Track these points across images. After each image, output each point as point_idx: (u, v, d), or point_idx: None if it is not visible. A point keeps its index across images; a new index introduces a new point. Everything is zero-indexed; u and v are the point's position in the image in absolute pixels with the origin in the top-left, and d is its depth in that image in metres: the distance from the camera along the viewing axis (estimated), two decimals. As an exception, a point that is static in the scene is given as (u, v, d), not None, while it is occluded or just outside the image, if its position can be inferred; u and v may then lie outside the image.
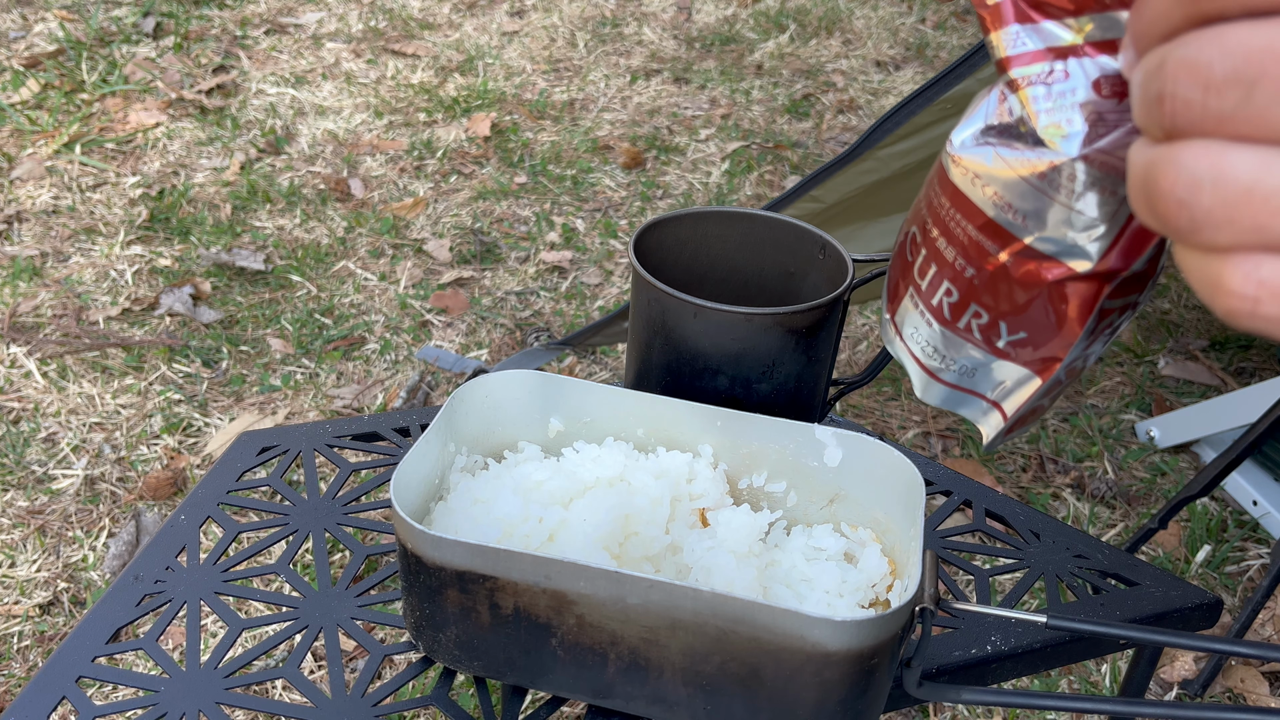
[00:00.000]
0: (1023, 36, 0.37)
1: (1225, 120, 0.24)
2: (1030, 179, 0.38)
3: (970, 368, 0.44)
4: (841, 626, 0.54)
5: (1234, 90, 0.23)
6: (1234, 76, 0.23)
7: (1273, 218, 0.23)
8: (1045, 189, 0.37)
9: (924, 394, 0.47)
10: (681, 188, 2.56)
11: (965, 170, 0.40)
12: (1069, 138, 0.36)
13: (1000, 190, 0.39)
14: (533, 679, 0.64)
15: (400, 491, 0.62)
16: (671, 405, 0.70)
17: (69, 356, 1.93)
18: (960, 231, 0.41)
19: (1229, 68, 0.23)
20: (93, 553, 1.58)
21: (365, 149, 2.63)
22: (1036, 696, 0.57)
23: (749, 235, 0.80)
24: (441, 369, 1.96)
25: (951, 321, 0.43)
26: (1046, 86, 0.37)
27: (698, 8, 3.49)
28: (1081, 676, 1.47)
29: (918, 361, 0.46)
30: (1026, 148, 0.38)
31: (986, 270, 0.40)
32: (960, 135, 0.41)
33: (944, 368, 0.45)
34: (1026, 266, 0.39)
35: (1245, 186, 0.24)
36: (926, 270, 0.44)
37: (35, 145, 2.50)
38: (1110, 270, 0.37)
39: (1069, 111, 0.36)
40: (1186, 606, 0.76)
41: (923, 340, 0.45)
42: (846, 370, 2.00)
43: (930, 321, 0.44)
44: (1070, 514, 1.72)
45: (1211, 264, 0.25)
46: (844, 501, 0.70)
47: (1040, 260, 0.39)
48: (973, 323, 0.42)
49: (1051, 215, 0.38)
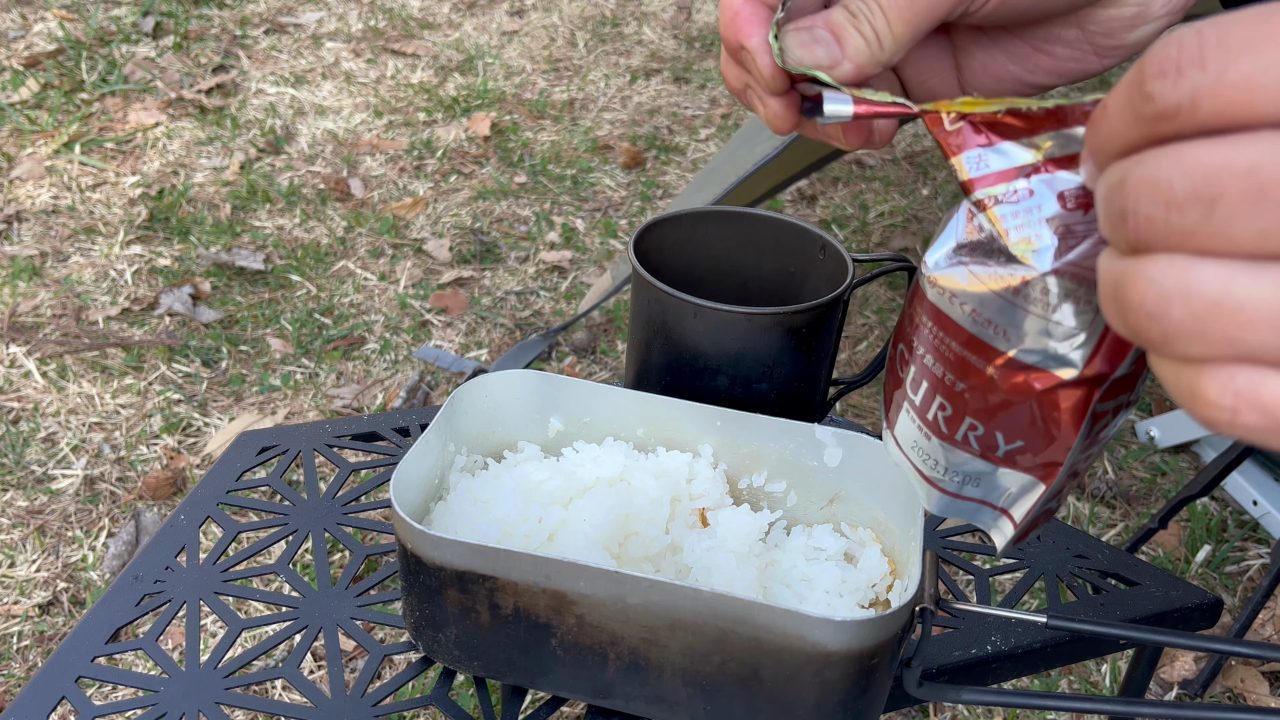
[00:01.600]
0: (985, 158, 0.38)
1: (1189, 236, 0.24)
2: (1004, 294, 0.38)
3: (973, 477, 0.44)
4: (841, 626, 0.54)
5: (1195, 207, 0.24)
6: (1194, 194, 0.24)
7: (1243, 330, 0.24)
8: (1021, 303, 0.38)
9: (929, 505, 0.47)
10: (681, 188, 2.56)
11: (941, 290, 0.41)
12: (1039, 252, 0.37)
13: (977, 306, 0.40)
14: (533, 679, 0.64)
15: (400, 491, 0.62)
16: (671, 405, 0.70)
17: (68, 356, 1.93)
18: (945, 348, 0.42)
19: (1189, 186, 0.24)
20: (92, 553, 1.58)
21: (365, 149, 2.63)
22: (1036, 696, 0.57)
23: (749, 235, 0.80)
24: (441, 369, 1.96)
25: (948, 434, 0.43)
26: (1013, 205, 0.37)
27: (698, 7, 3.49)
28: (1081, 676, 1.47)
29: (920, 473, 0.46)
30: (998, 264, 0.39)
31: (975, 384, 0.41)
32: (934, 256, 0.41)
33: (947, 479, 0.45)
34: (1014, 378, 0.39)
35: (1213, 300, 0.24)
36: (918, 385, 0.44)
37: (35, 145, 2.50)
38: (1097, 375, 0.38)
39: (1037, 227, 0.37)
40: (1186, 606, 0.76)
41: (922, 453, 0.46)
42: (846, 370, 1.99)
43: (928, 435, 0.45)
44: (1070, 514, 1.72)
45: (1186, 374, 0.26)
46: (844, 501, 0.70)
47: (1027, 371, 0.39)
48: (969, 435, 0.42)
49: (1031, 327, 0.38)
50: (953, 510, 0.46)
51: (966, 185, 0.39)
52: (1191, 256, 0.24)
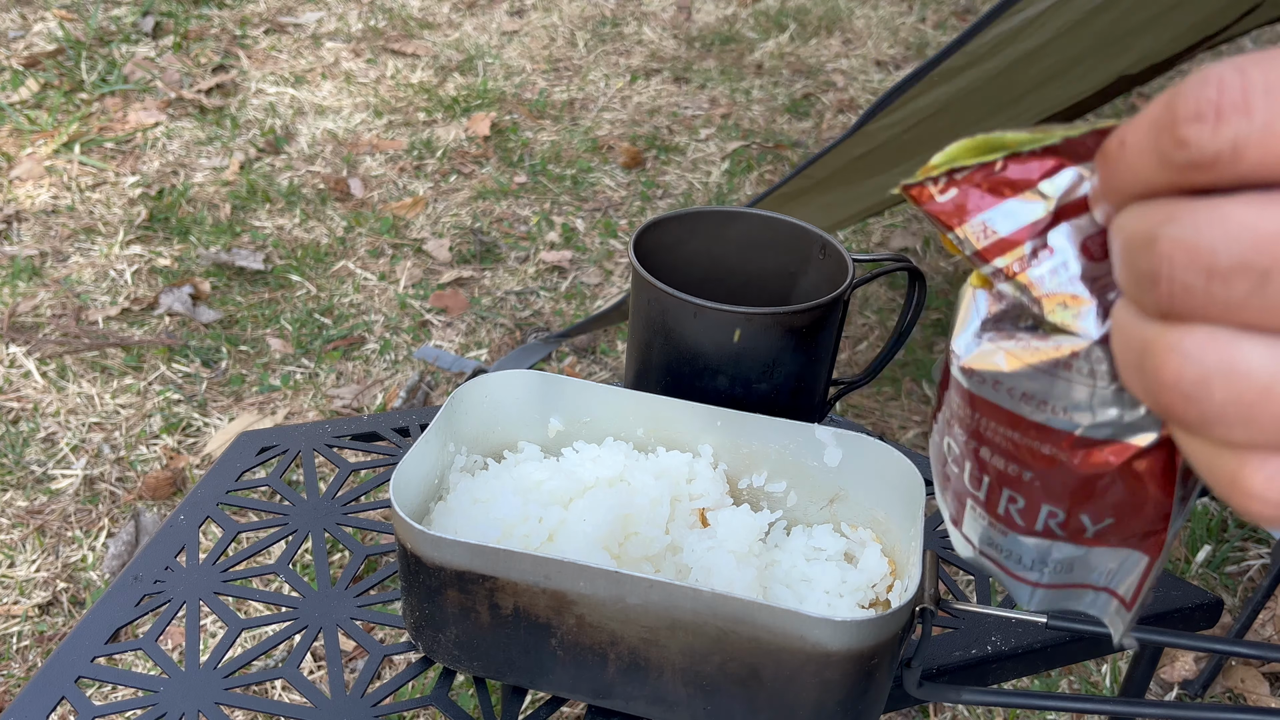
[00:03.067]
0: (990, 225, 0.34)
1: (1234, 309, 0.21)
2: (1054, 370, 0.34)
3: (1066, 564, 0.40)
4: (841, 626, 0.54)
5: (1244, 279, 0.21)
6: (1243, 264, 0.21)
7: None
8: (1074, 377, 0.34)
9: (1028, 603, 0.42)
10: (681, 188, 2.56)
11: (981, 378, 0.37)
12: (1082, 316, 0.33)
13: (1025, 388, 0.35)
14: (532, 679, 0.64)
15: (400, 491, 0.62)
16: (671, 405, 0.70)
17: (68, 356, 1.93)
18: (1000, 438, 0.37)
19: (1236, 254, 0.21)
20: (92, 553, 1.58)
21: (365, 148, 2.63)
22: (1036, 696, 0.57)
23: (749, 235, 0.80)
24: (441, 369, 1.96)
25: (1026, 527, 0.39)
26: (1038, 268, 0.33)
27: (698, 7, 3.48)
28: (1081, 676, 1.47)
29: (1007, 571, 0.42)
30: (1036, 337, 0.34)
31: (1044, 469, 0.36)
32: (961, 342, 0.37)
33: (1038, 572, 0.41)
34: (1089, 457, 0.35)
35: (1263, 384, 0.21)
36: (979, 481, 0.40)
37: (34, 145, 2.50)
38: None
39: (1071, 287, 0.33)
40: (1187, 606, 0.76)
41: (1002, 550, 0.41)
42: (846, 370, 1.99)
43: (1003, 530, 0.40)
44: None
45: (1226, 460, 0.23)
46: (844, 501, 0.70)
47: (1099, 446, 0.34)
48: (1050, 523, 0.38)
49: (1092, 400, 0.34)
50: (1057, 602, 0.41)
51: (978, 257, 0.34)
52: (1236, 331, 0.21)
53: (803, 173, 1.65)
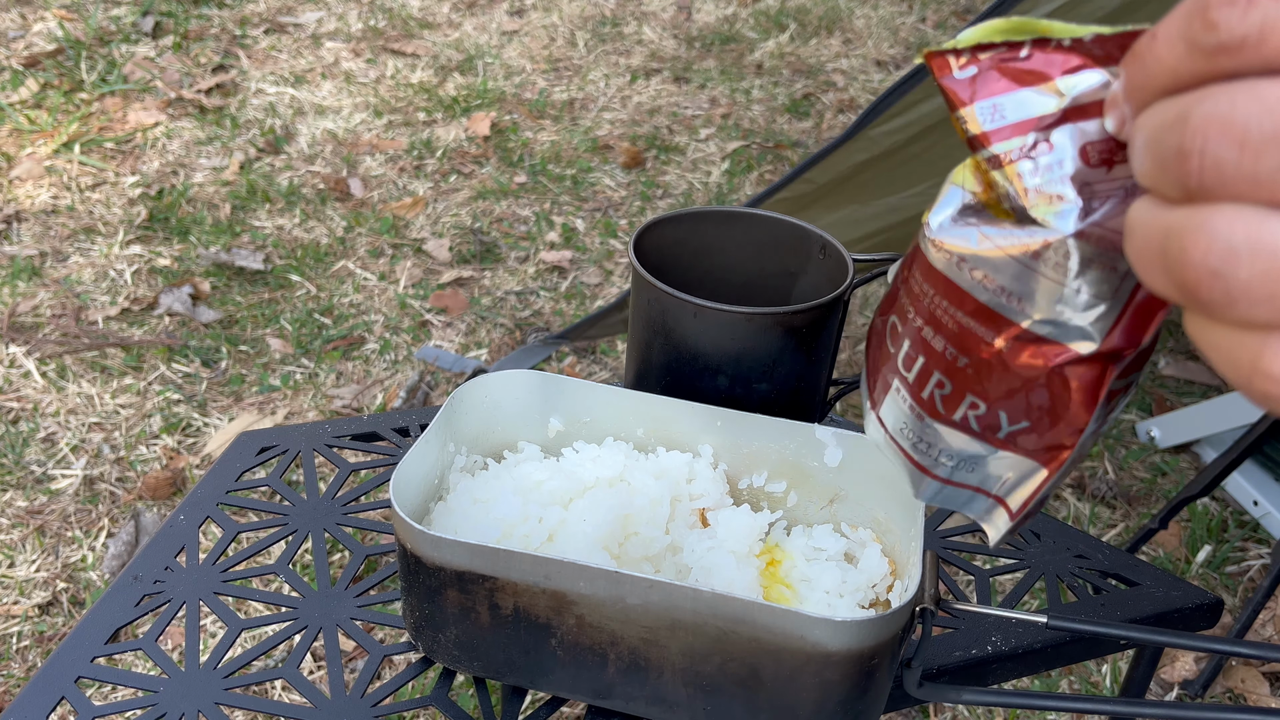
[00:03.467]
0: (1000, 108, 0.34)
1: (1263, 184, 0.21)
2: (1022, 258, 0.35)
3: (969, 461, 0.41)
4: (841, 627, 0.54)
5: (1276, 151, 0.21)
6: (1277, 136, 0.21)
7: None
8: (1039, 269, 0.35)
9: (918, 493, 0.43)
10: (681, 187, 2.56)
11: (949, 254, 0.37)
12: (1062, 214, 0.34)
13: (989, 272, 0.36)
14: (532, 679, 0.64)
15: (400, 491, 0.62)
16: (671, 405, 0.70)
17: (68, 356, 1.93)
18: (948, 319, 0.38)
19: (1271, 126, 0.21)
20: (92, 553, 1.58)
21: (365, 148, 2.63)
22: (1036, 697, 0.57)
23: (749, 235, 0.80)
24: (441, 369, 1.96)
25: (945, 414, 0.40)
26: (1032, 160, 0.34)
27: (698, 7, 3.48)
28: (1082, 677, 1.47)
29: (909, 458, 0.43)
30: (1014, 226, 0.35)
31: (981, 358, 0.38)
32: (938, 218, 0.38)
33: (939, 463, 0.42)
34: (1025, 351, 0.36)
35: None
36: (912, 362, 0.41)
37: (34, 145, 2.50)
38: (1115, 350, 0.35)
39: (1059, 185, 0.33)
40: (1187, 607, 0.76)
41: (913, 435, 0.42)
42: (846, 370, 1.99)
43: (920, 414, 0.41)
44: (1070, 514, 1.72)
45: (1247, 343, 0.23)
46: (844, 501, 0.70)
47: (1039, 344, 0.36)
48: (969, 414, 0.39)
49: (1048, 296, 0.35)
50: (944, 498, 0.43)
51: (979, 139, 0.35)
52: (1264, 209, 0.21)
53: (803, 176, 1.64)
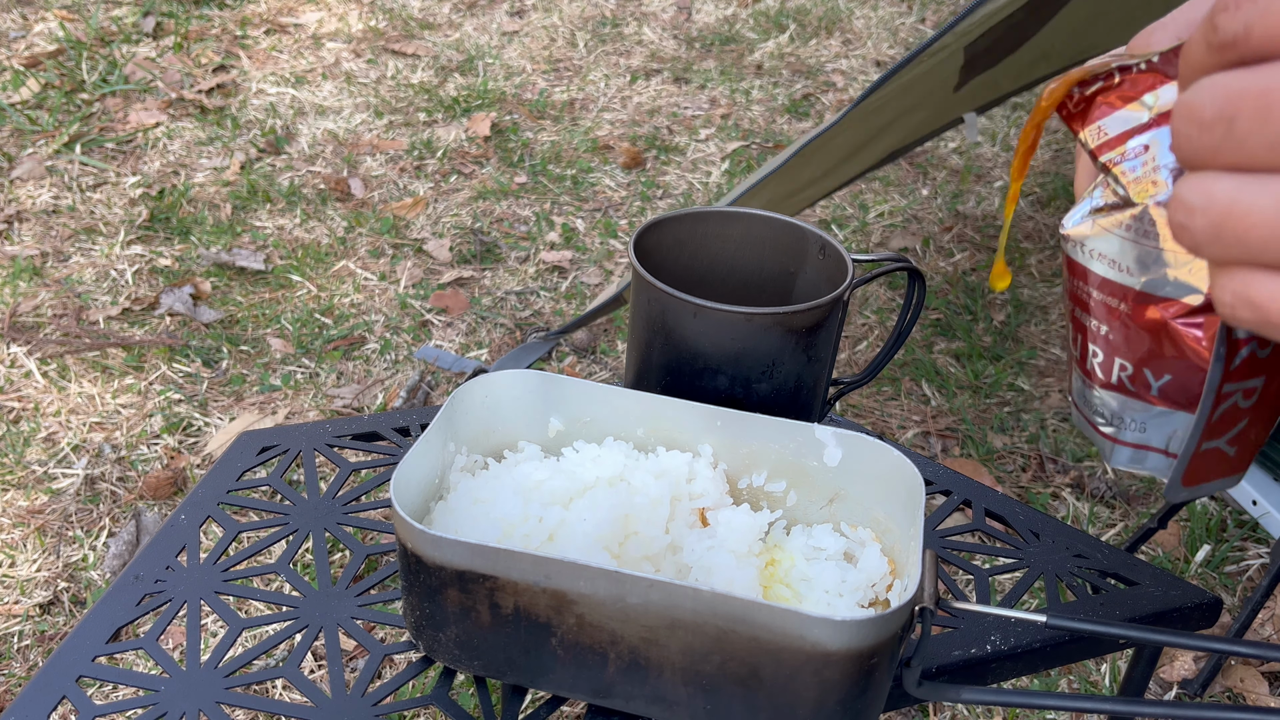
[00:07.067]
0: (1103, 128, 0.42)
1: (1215, 152, 0.27)
2: (1121, 231, 0.42)
3: (1140, 422, 0.46)
4: (841, 626, 0.55)
5: (1219, 126, 0.27)
6: (1219, 115, 0.27)
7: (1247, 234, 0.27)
8: (1137, 238, 0.42)
9: (1112, 460, 0.49)
10: (681, 188, 2.56)
11: (1075, 242, 0.45)
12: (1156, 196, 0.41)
13: (1102, 249, 0.43)
14: (533, 678, 0.64)
15: (400, 491, 0.62)
16: (671, 405, 0.70)
17: (69, 356, 1.93)
18: (1084, 295, 0.45)
19: (1216, 108, 0.27)
20: (93, 552, 1.58)
21: (365, 149, 2.63)
22: (1036, 696, 0.57)
23: (749, 235, 0.80)
24: (441, 369, 1.96)
25: (1105, 380, 0.46)
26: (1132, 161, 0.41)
27: (698, 8, 3.49)
28: (1081, 676, 1.47)
29: (1095, 427, 0.49)
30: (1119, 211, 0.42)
31: (1115, 323, 0.44)
32: (1070, 218, 0.45)
33: (1116, 428, 0.47)
34: (1146, 312, 0.42)
35: (1224, 208, 0.27)
36: (1076, 340, 0.48)
37: (35, 145, 2.50)
38: None
39: (1156, 174, 0.41)
40: (1186, 606, 0.76)
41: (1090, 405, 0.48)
42: (846, 370, 2.00)
43: (1088, 384, 0.47)
44: (1070, 514, 1.72)
45: (1214, 280, 0.29)
46: (844, 501, 0.71)
47: (1155, 302, 0.42)
48: (1121, 376, 0.45)
49: (1150, 259, 0.42)
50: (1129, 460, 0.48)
51: (1093, 154, 0.42)
52: (1214, 173, 0.27)
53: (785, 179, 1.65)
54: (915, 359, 2.04)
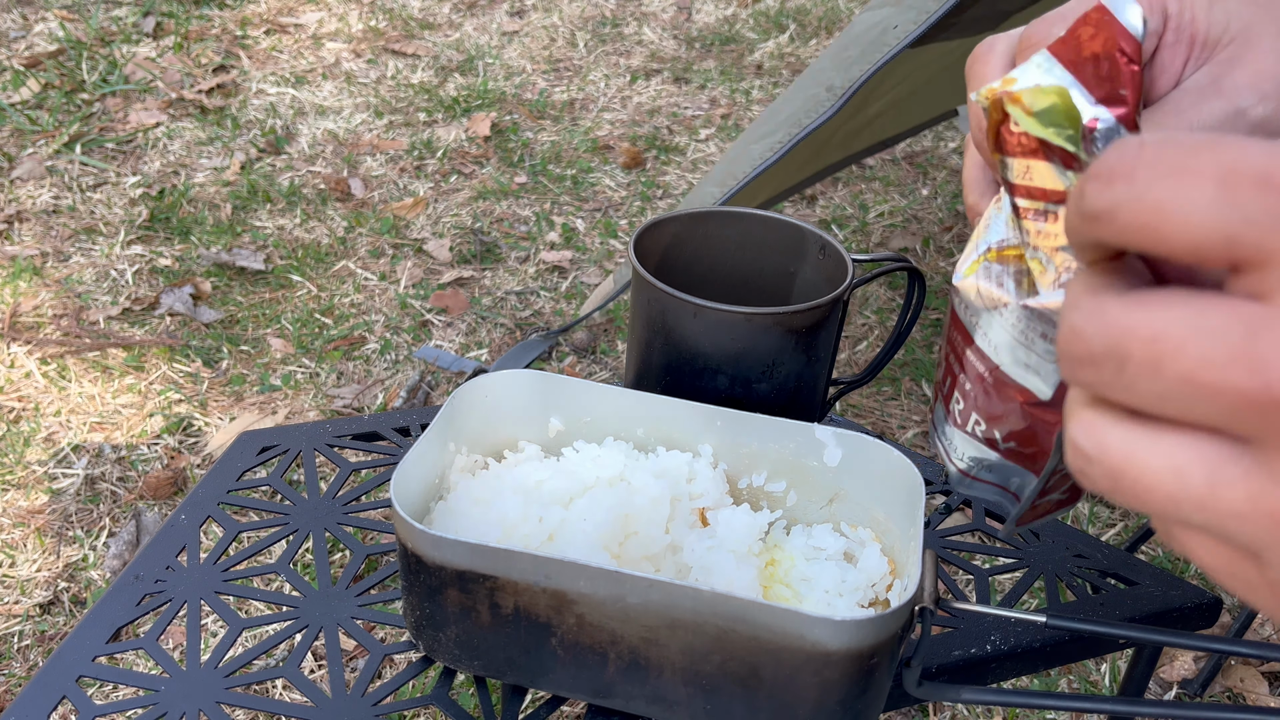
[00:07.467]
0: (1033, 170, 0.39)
1: (1105, 389, 0.25)
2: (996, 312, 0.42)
3: (987, 466, 0.48)
4: (841, 626, 0.55)
5: (1109, 364, 0.25)
6: (1108, 352, 0.24)
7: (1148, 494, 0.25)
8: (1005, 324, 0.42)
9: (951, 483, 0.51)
10: (681, 188, 2.56)
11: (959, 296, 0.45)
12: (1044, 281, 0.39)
13: (980, 319, 0.43)
14: (533, 678, 0.64)
15: (400, 491, 0.62)
16: (671, 405, 0.70)
17: (69, 356, 1.93)
18: (960, 350, 0.46)
19: (1104, 344, 0.25)
20: (93, 552, 1.58)
21: (365, 149, 2.63)
22: (1036, 696, 0.57)
23: (749, 235, 0.80)
24: (441, 369, 1.96)
25: (961, 425, 0.47)
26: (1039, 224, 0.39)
27: (698, 8, 3.49)
28: (1081, 676, 1.47)
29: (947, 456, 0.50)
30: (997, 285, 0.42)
31: (979, 386, 0.45)
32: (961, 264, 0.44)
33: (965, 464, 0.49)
34: (1003, 389, 0.43)
35: (1117, 464, 0.25)
36: (945, 380, 0.49)
37: (35, 145, 2.50)
38: None
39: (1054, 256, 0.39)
40: (1186, 606, 0.76)
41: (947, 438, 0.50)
42: (846, 370, 2.00)
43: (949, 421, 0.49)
44: (1070, 513, 1.72)
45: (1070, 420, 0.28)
46: (844, 501, 0.71)
47: (1012, 385, 0.43)
48: (975, 429, 0.46)
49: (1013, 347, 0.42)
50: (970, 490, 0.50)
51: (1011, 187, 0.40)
52: (1107, 417, 0.25)
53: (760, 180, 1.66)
54: (915, 359, 2.04)
